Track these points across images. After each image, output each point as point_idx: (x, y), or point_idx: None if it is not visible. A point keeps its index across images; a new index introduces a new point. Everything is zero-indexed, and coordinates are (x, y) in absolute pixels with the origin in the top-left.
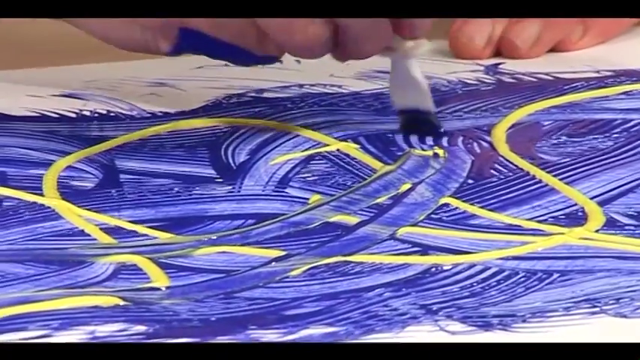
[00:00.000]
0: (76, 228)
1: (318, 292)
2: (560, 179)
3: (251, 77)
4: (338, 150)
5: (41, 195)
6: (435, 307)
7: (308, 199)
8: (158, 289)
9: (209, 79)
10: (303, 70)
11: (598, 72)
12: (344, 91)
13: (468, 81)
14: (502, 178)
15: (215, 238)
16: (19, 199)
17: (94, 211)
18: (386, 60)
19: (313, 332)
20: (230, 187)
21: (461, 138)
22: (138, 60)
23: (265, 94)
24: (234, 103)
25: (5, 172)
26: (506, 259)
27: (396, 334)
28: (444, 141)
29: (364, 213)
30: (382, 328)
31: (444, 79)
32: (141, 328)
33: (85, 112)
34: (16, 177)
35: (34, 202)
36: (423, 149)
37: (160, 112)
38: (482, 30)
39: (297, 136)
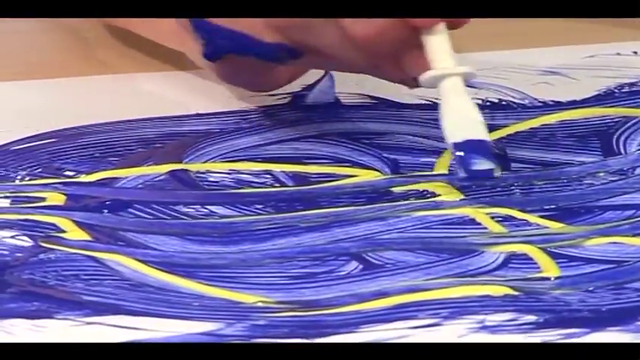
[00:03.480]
0: (466, 217)
1: None
2: None
3: None
4: None
5: (432, 182)
6: None
7: None
8: (548, 278)
9: (601, 68)
10: None
11: None
12: None
13: None
14: None
15: None
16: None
17: (485, 200)
18: None
19: None
20: (621, 177)
21: None
22: (531, 48)
23: None
24: (626, 92)
25: (397, 160)
26: None
27: None
28: None
29: None
30: None
31: None
32: (531, 317)
33: (477, 101)
34: (407, 164)
35: (425, 190)
36: None
37: (552, 100)
38: None
39: None
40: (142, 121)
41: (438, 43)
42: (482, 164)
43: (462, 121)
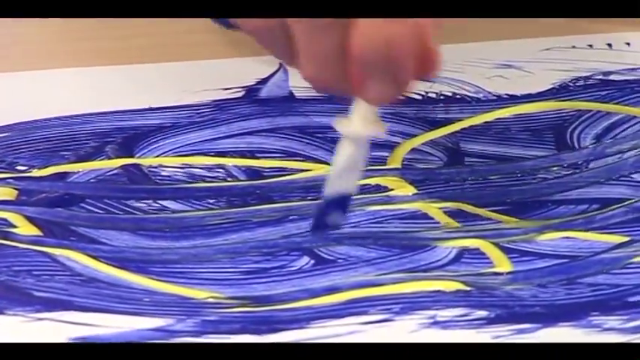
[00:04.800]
0: (419, 211)
1: None
2: None
3: (598, 59)
4: None
5: (385, 177)
6: None
7: None
8: (500, 274)
9: (556, 61)
10: None
11: None
12: None
13: None
14: None
15: None
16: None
17: (438, 194)
18: None
19: None
20: (574, 172)
21: None
22: (486, 41)
23: (612, 77)
24: (581, 85)
25: None
26: None
27: None
28: None
29: None
30: None
31: None
32: (483, 313)
33: (431, 95)
34: None
35: (378, 185)
36: None
37: (506, 94)
38: None
39: None
40: (94, 115)
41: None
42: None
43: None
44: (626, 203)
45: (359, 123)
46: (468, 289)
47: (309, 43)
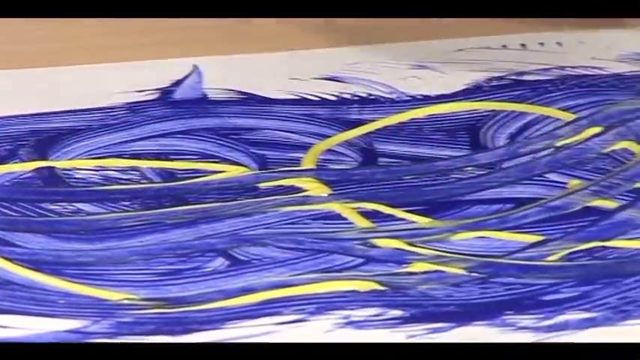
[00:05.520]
0: (334, 212)
1: (575, 277)
2: None
3: (512, 60)
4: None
5: (300, 178)
6: None
7: (566, 183)
8: (415, 273)
9: (470, 62)
10: (564, 52)
11: None
12: (605, 72)
13: None
14: None
15: None
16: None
17: (352, 195)
18: None
19: (570, 318)
20: (489, 172)
21: None
22: (398, 43)
23: (526, 77)
24: (494, 86)
25: (265, 155)
26: None
27: None
28: None
29: (624, 198)
30: None
31: None
32: (397, 312)
33: (345, 95)
34: (275, 160)
35: (292, 186)
36: None
37: (420, 95)
38: None
39: (558, 119)
40: (7, 118)
41: None
42: None
43: None
44: (539, 202)
45: None
46: (383, 288)
47: None
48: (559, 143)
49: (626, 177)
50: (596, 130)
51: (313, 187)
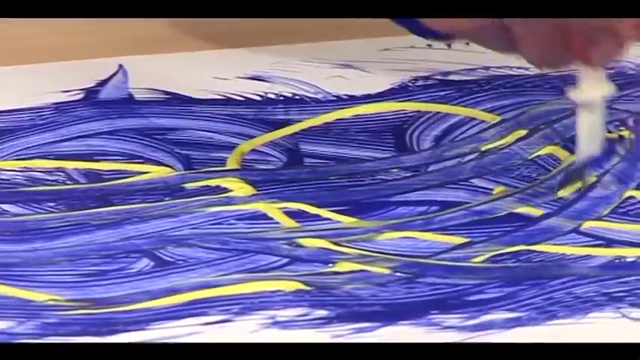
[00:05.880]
0: (259, 212)
1: (500, 278)
2: None
3: (437, 60)
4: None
5: (225, 178)
6: (618, 295)
7: (492, 189)
8: (341, 273)
9: (395, 61)
10: (489, 52)
11: None
12: (530, 72)
13: None
14: None
15: None
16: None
17: (278, 195)
18: None
19: (495, 318)
20: (414, 174)
21: None
22: (323, 42)
23: (451, 77)
24: (420, 85)
25: (190, 156)
26: None
27: (578, 320)
28: (631, 122)
29: (548, 206)
30: (565, 314)
31: (631, 62)
32: (322, 312)
33: (270, 95)
34: (200, 160)
35: (218, 186)
36: (609, 131)
37: (346, 95)
38: None
39: (483, 122)
40: None
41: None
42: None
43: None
44: (465, 206)
45: (590, 88)
46: (308, 288)
47: (527, 31)
48: (484, 147)
49: (551, 185)
50: (522, 133)
51: (238, 187)
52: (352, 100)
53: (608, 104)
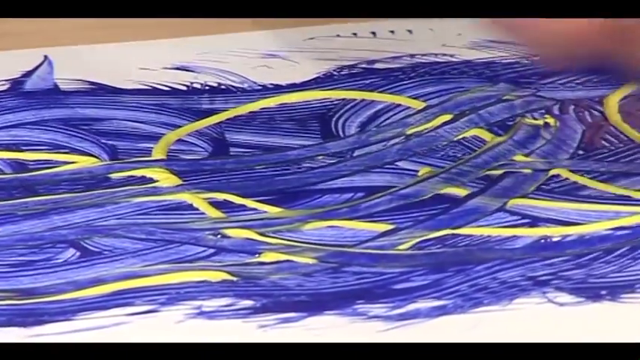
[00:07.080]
0: (185, 202)
1: (425, 265)
2: None
3: (362, 48)
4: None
5: (150, 168)
6: (543, 279)
7: (417, 171)
8: (266, 263)
9: (321, 50)
10: (415, 40)
11: None
12: (455, 59)
13: None
14: (613, 149)
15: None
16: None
17: (203, 185)
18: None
19: (421, 306)
20: (339, 161)
21: (572, 107)
22: (248, 32)
23: (377, 65)
24: (345, 74)
25: (115, 146)
26: (616, 229)
27: (504, 307)
28: (556, 110)
29: (474, 185)
30: (490, 301)
31: None
32: (248, 302)
33: (195, 85)
34: (126, 150)
35: (143, 176)
36: (534, 118)
37: (271, 84)
38: None
39: (408, 108)
40: None
41: None
42: None
43: None
44: (390, 191)
45: None
46: (234, 279)
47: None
48: (410, 131)
49: (476, 164)
50: (447, 117)
51: (164, 178)
52: (278, 89)
53: (534, 92)
